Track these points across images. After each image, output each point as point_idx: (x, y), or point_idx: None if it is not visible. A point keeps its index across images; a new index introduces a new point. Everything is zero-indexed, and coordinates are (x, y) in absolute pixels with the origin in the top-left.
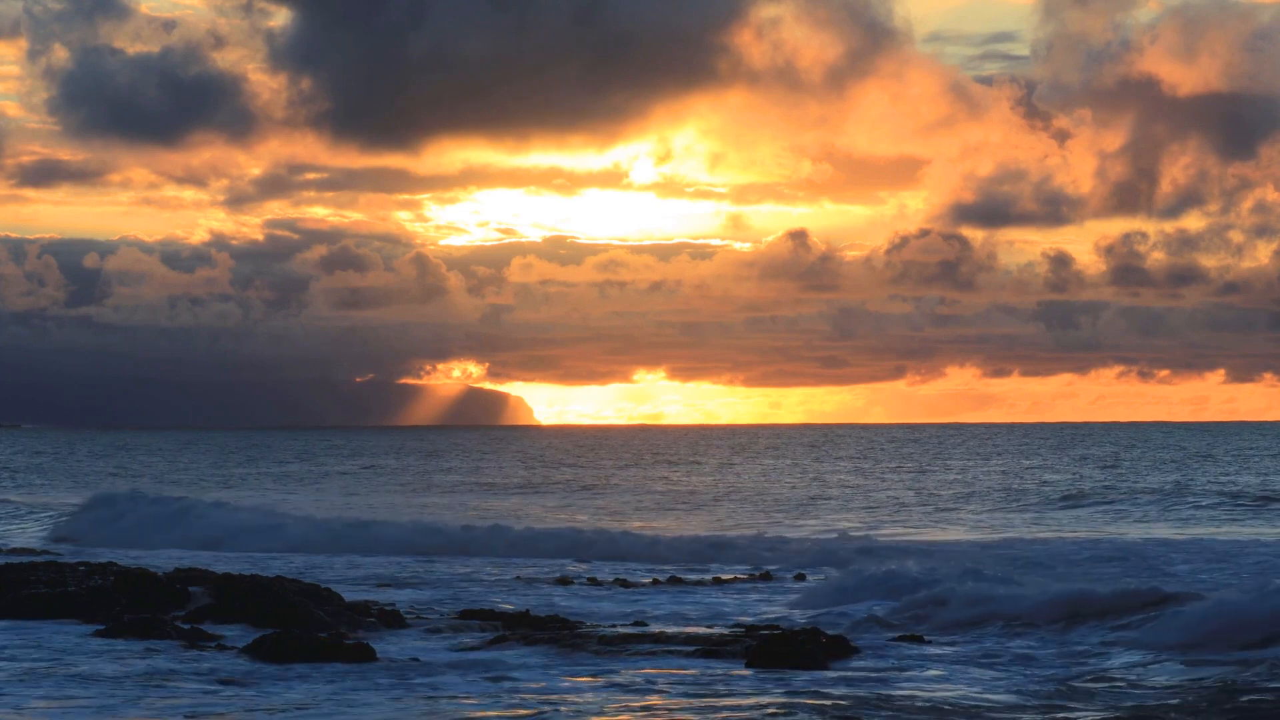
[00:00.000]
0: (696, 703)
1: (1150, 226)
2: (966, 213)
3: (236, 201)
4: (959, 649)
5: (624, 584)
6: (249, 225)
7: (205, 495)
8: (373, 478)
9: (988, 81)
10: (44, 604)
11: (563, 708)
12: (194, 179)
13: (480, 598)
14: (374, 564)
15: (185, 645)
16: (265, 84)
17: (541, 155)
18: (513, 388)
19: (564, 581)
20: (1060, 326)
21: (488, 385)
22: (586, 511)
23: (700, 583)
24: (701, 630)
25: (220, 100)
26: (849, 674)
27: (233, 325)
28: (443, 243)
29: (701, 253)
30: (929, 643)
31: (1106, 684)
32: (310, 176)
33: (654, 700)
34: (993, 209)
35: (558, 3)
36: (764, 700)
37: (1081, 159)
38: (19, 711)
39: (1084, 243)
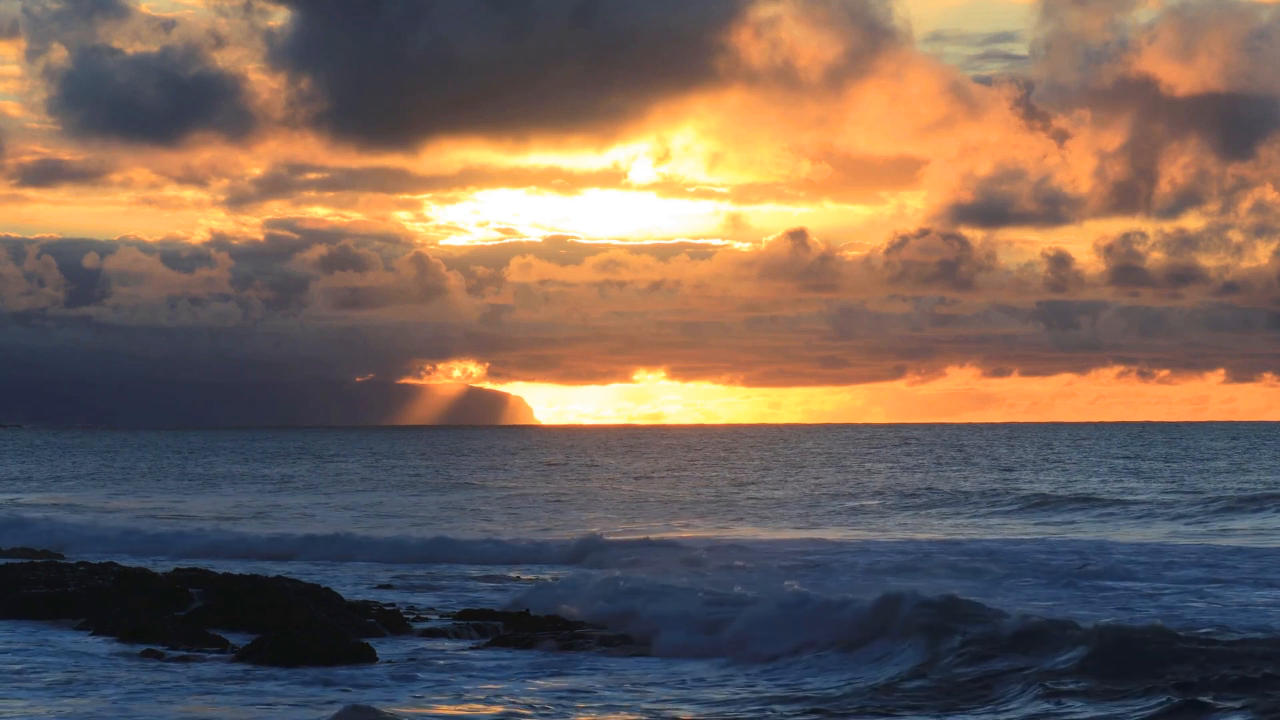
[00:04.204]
0: (697, 700)
1: (1149, 226)
2: (966, 212)
3: (236, 201)
4: None
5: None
6: (249, 225)
7: None
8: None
9: (987, 81)
10: (44, 604)
11: (565, 707)
12: (194, 179)
13: (482, 599)
14: (374, 566)
15: (185, 646)
16: (265, 84)
17: (541, 155)
18: (513, 388)
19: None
20: (1060, 326)
21: (488, 385)
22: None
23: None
24: None
25: (220, 100)
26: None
27: (233, 325)
28: (443, 243)
29: (701, 253)
30: None
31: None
32: (310, 176)
33: (655, 698)
34: (992, 209)
35: (557, 3)
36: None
37: (1080, 159)
38: (14, 711)
39: (1083, 242)
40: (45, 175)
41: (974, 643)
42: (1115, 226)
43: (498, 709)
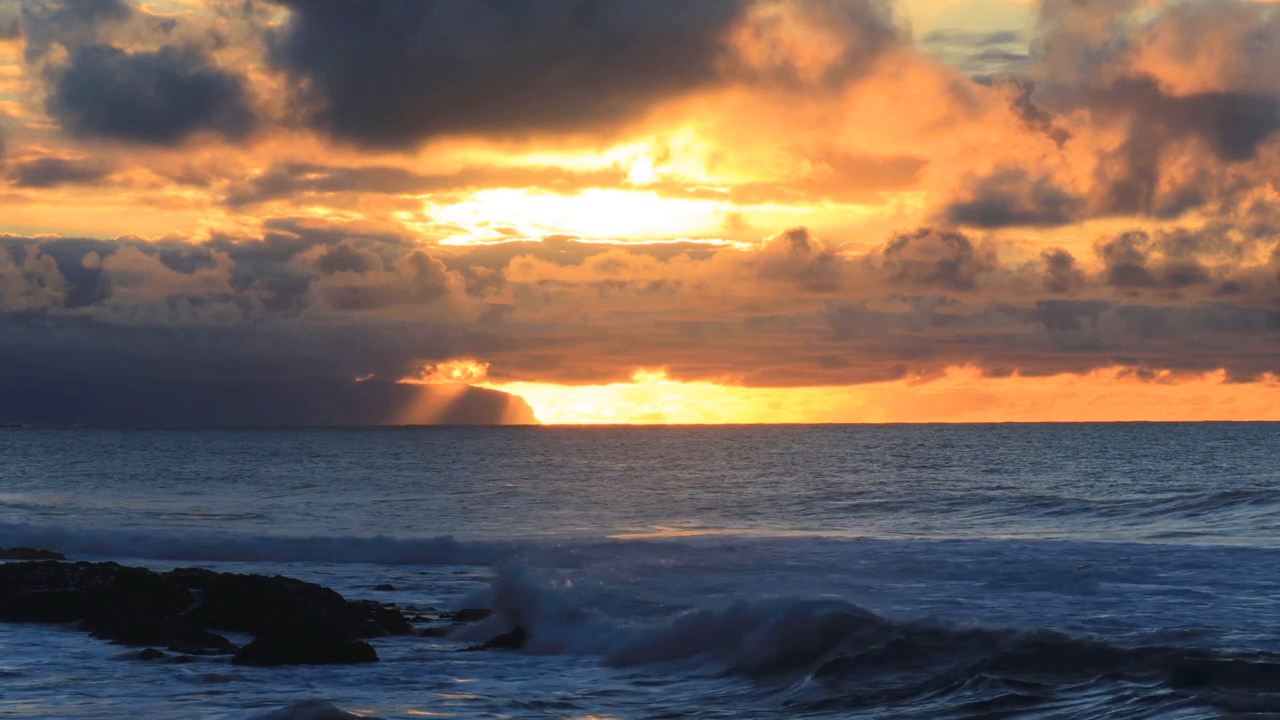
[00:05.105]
0: (691, 695)
1: (1149, 226)
2: (966, 212)
3: (236, 201)
4: None
5: None
6: (249, 225)
7: None
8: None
9: (987, 81)
10: (44, 604)
11: (565, 706)
12: (194, 179)
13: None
14: (374, 566)
15: (185, 646)
16: (265, 84)
17: (541, 155)
18: (513, 388)
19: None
20: (1060, 326)
21: (488, 385)
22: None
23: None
24: None
25: (220, 100)
26: None
27: (233, 325)
28: (442, 243)
29: (701, 253)
30: None
31: None
32: (310, 176)
33: (655, 694)
34: (992, 209)
35: (557, 3)
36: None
37: (1080, 159)
38: (15, 713)
39: (1083, 242)
40: (45, 175)
41: (902, 639)
42: (1115, 226)
43: (493, 709)
